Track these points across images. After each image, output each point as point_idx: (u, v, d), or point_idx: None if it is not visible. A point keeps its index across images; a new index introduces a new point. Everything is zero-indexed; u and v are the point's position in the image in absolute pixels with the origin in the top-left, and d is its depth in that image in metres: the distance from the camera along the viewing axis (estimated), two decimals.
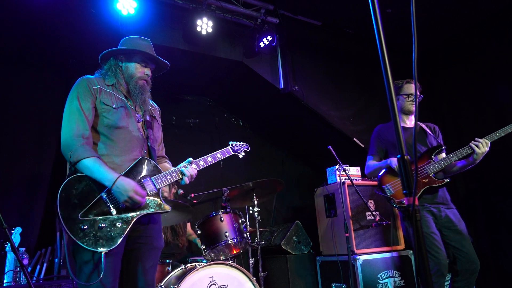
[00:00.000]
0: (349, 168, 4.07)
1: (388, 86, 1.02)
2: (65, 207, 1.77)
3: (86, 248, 1.73)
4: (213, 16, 3.90)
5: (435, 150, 2.87)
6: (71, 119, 1.91)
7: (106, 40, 3.66)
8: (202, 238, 3.25)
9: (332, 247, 3.95)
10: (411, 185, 0.92)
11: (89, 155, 1.86)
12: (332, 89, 4.66)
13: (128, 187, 1.84)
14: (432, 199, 2.82)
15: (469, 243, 2.73)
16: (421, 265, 0.81)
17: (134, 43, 2.18)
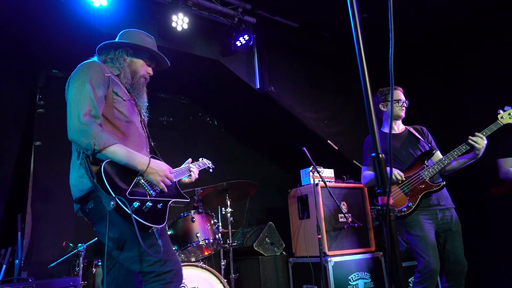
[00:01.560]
0: (322, 170, 4.09)
1: (365, 92, 1.00)
2: (112, 185, 1.65)
3: (143, 223, 1.65)
4: (189, 13, 3.82)
5: (427, 155, 2.90)
6: (82, 104, 1.76)
7: (75, 31, 3.54)
8: (172, 239, 3.17)
9: (305, 248, 3.95)
10: (385, 184, 0.90)
11: (115, 141, 1.76)
12: (308, 91, 4.68)
13: (163, 167, 1.86)
14: (427, 202, 2.83)
15: (459, 244, 2.76)
16: (394, 267, 0.79)
17: (142, 39, 2.12)
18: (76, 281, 2.59)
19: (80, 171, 1.79)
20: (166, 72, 4.43)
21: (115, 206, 1.60)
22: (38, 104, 4.03)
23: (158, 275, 1.73)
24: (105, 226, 1.70)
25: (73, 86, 1.82)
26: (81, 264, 2.77)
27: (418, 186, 2.82)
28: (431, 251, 2.69)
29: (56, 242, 3.54)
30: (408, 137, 3.07)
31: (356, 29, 1.04)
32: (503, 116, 2.75)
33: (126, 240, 1.73)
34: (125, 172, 1.76)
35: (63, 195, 4.01)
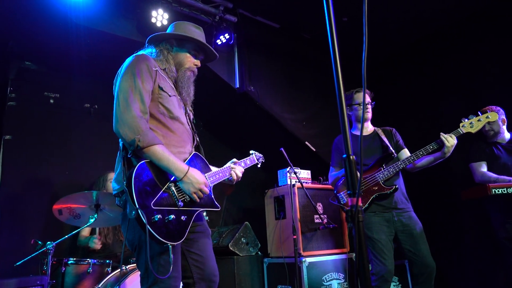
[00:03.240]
0: (300, 171, 4.12)
1: (339, 94, 1.01)
2: (139, 194, 1.61)
3: (159, 239, 1.60)
4: (169, 9, 3.77)
5: (386, 158, 2.96)
6: (133, 98, 1.73)
7: (51, 23, 3.44)
8: None
9: (280, 249, 3.96)
10: (355, 186, 0.91)
11: (159, 141, 1.73)
12: (287, 92, 4.70)
13: (200, 179, 1.79)
14: (384, 205, 2.89)
15: (424, 246, 2.80)
16: (361, 267, 0.80)
17: (188, 30, 2.05)
18: (44, 280, 2.51)
19: (119, 169, 1.82)
20: None
21: (136, 216, 1.58)
22: (9, 96, 3.89)
23: (150, 286, 1.71)
24: (125, 226, 1.76)
25: (122, 79, 1.79)
26: (49, 263, 2.68)
27: (371, 188, 2.89)
28: (386, 254, 2.76)
29: (24, 240, 3.42)
30: (373, 140, 3.14)
31: (331, 33, 1.05)
32: (465, 125, 2.83)
33: (141, 246, 1.73)
34: (158, 175, 1.72)
35: (32, 191, 3.89)
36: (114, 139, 4.88)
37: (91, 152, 4.29)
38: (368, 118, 3.13)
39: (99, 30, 3.55)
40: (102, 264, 3.07)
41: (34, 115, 4.02)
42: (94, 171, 4.13)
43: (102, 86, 4.57)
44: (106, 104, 4.49)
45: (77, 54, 3.83)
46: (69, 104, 4.24)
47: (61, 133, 4.15)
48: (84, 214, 3.00)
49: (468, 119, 2.85)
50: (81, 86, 4.37)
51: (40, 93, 4.08)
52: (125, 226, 1.75)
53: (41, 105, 4.08)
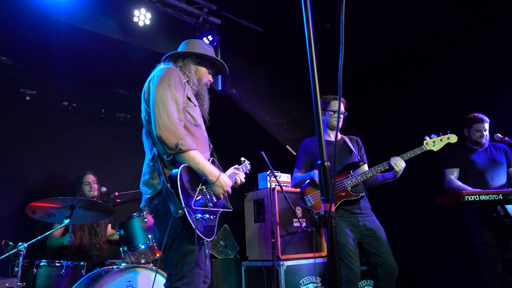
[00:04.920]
0: (280, 175, 4.13)
1: (315, 100, 1.03)
2: (184, 194, 1.77)
3: (200, 236, 1.77)
4: (152, 8, 3.74)
5: (354, 165, 3.06)
6: (171, 106, 1.88)
7: (30, 19, 3.35)
8: (122, 240, 3.08)
9: (259, 252, 3.96)
10: (329, 192, 0.93)
11: (196, 147, 1.89)
12: (270, 96, 4.72)
13: (228, 182, 1.99)
14: (350, 210, 2.99)
15: (387, 249, 2.91)
16: (333, 271, 0.82)
17: (205, 49, 2.29)
18: (13, 282, 2.42)
19: (152, 173, 1.94)
20: (125, 67, 4.34)
21: (182, 215, 1.71)
22: None
23: (170, 286, 1.84)
24: (158, 224, 1.93)
25: (158, 87, 1.92)
26: (20, 264, 2.60)
27: (339, 193, 2.99)
28: (353, 258, 2.84)
29: None
30: (342, 146, 3.24)
31: (309, 39, 1.06)
32: (428, 143, 3.01)
33: (175, 243, 1.85)
34: (193, 178, 1.89)
35: (5, 190, 3.76)
36: (92, 138, 4.78)
37: (68, 151, 4.19)
38: (339, 127, 3.22)
39: (80, 27, 3.48)
40: (76, 266, 3.01)
41: (9, 112, 3.90)
42: (70, 171, 4.04)
43: (81, 84, 4.49)
44: (84, 103, 4.41)
45: (57, 51, 3.74)
46: (46, 101, 4.13)
47: (36, 131, 4.04)
48: (59, 213, 2.93)
49: (430, 137, 3.02)
50: (59, 84, 4.27)
51: (16, 89, 3.96)
52: (157, 224, 1.92)
53: (16, 102, 3.97)
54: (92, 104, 4.49)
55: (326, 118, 3.24)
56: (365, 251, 2.95)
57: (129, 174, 4.52)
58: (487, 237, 3.32)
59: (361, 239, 2.96)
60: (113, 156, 4.52)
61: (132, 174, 4.56)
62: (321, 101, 3.24)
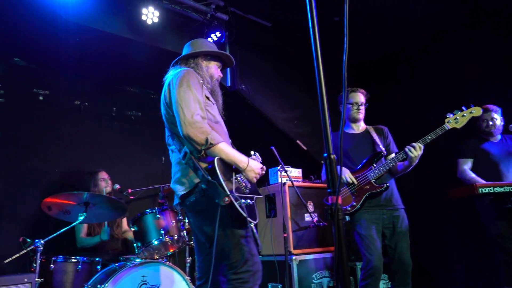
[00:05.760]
0: (291, 170, 4.13)
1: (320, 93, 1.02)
2: (225, 184, 1.84)
3: (248, 220, 1.87)
4: (160, 6, 3.76)
5: (376, 156, 3.00)
6: (194, 106, 1.94)
7: (40, 20, 3.40)
8: (136, 236, 3.12)
9: (271, 247, 3.98)
10: (335, 184, 0.93)
11: (222, 140, 1.96)
12: (279, 90, 4.71)
13: (258, 165, 2.08)
14: (376, 202, 2.94)
15: (405, 244, 2.86)
16: (340, 264, 0.82)
17: (211, 46, 2.36)
18: (32, 278, 2.49)
19: (185, 170, 2.00)
20: (135, 65, 4.38)
21: (228, 202, 1.79)
22: None
23: (236, 273, 1.91)
24: (202, 219, 2.00)
25: (179, 89, 1.98)
26: (38, 260, 2.67)
27: (364, 187, 2.95)
28: (373, 249, 2.81)
29: (13, 237, 3.39)
30: (364, 138, 3.17)
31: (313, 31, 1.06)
32: (450, 121, 2.87)
33: (226, 232, 1.92)
34: (227, 168, 1.96)
35: (22, 189, 3.86)
36: (104, 136, 4.85)
37: (81, 149, 4.27)
38: (359, 119, 3.18)
39: (89, 26, 3.53)
40: (91, 262, 3.07)
41: (23, 111, 3.99)
42: (84, 168, 4.11)
43: (92, 84, 4.55)
44: (96, 101, 4.48)
45: (67, 51, 3.80)
46: (59, 101, 4.21)
47: (50, 130, 4.12)
48: (74, 210, 2.99)
49: (453, 114, 2.89)
50: (71, 83, 4.34)
51: (30, 89, 4.05)
52: (200, 218, 2.00)
53: (30, 102, 4.05)
54: (104, 102, 4.55)
55: (346, 111, 3.20)
56: (384, 244, 2.93)
57: (141, 171, 4.58)
58: (503, 229, 3.24)
59: (383, 231, 2.92)
60: (125, 153, 4.58)
61: (143, 171, 4.62)
62: (341, 94, 3.25)
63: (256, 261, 1.98)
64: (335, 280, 0.77)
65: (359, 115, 3.14)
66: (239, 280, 1.91)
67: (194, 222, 2.10)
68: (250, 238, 1.97)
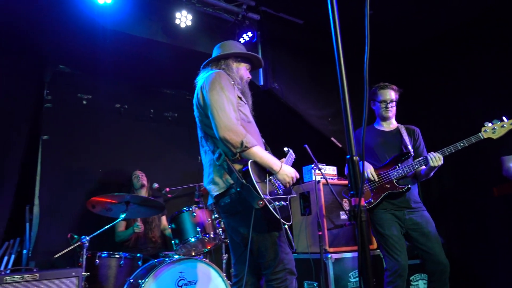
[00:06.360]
0: (325, 167, 4.09)
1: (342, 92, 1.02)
2: (259, 186, 1.88)
3: (282, 221, 1.91)
4: (193, 9, 3.86)
5: (402, 156, 2.92)
6: (228, 108, 1.98)
7: (80, 28, 3.60)
8: (174, 233, 3.23)
9: (306, 245, 3.97)
10: (358, 186, 0.93)
11: (256, 143, 2.00)
12: (312, 88, 4.67)
13: (291, 169, 2.10)
14: (397, 203, 2.87)
15: (436, 244, 2.76)
16: (364, 265, 0.82)
17: (240, 48, 2.39)
18: (79, 272, 2.65)
19: (219, 171, 2.03)
20: (170, 68, 4.52)
21: (263, 205, 1.81)
22: (45, 99, 4.13)
23: (274, 273, 1.97)
24: (237, 221, 2.03)
25: (212, 92, 2.02)
26: (84, 256, 2.84)
27: (384, 185, 2.88)
28: (399, 249, 2.73)
29: (61, 234, 3.62)
30: (393, 136, 3.07)
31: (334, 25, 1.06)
32: (487, 130, 2.72)
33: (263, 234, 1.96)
34: (260, 170, 1.99)
35: (69, 188, 4.11)
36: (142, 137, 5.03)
37: (121, 150, 4.48)
38: (389, 117, 3.08)
39: (125, 33, 3.68)
40: (133, 258, 3.23)
41: (68, 116, 4.25)
42: (125, 168, 4.32)
43: (131, 87, 4.76)
44: (134, 104, 4.68)
45: (105, 57, 3.99)
46: (101, 105, 4.44)
47: (93, 132, 4.36)
48: (115, 208, 3.17)
49: (492, 123, 2.72)
50: (111, 87, 4.57)
51: (74, 95, 4.30)
52: (236, 220, 2.03)
53: (75, 106, 4.30)
54: (142, 105, 4.75)
55: (376, 109, 3.13)
56: (413, 246, 2.85)
57: (178, 170, 4.73)
58: None
59: (408, 233, 2.84)
60: (163, 153, 4.76)
61: (180, 170, 4.76)
62: (370, 91, 3.17)
63: (291, 258, 2.03)
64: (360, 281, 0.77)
65: (388, 113, 3.04)
66: (277, 280, 1.97)
67: (228, 223, 2.14)
68: (284, 238, 2.01)
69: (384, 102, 3.03)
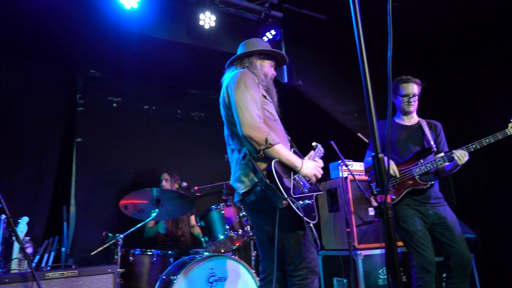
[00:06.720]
0: (352, 163, 4.05)
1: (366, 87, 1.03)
2: (283, 185, 1.91)
3: (306, 220, 1.92)
4: (216, 10, 3.91)
5: (424, 152, 2.85)
6: (251, 106, 2.00)
7: (109, 33, 3.73)
8: (203, 231, 3.30)
9: (334, 241, 3.96)
10: (383, 183, 0.93)
11: (279, 140, 2.01)
12: (337, 84, 4.62)
13: (314, 165, 2.12)
14: (419, 199, 2.82)
15: (460, 239, 2.71)
16: (391, 262, 0.82)
17: (264, 45, 2.38)
18: (114, 268, 2.77)
19: (245, 170, 2.05)
20: (195, 69, 4.60)
21: (286, 205, 1.84)
22: (78, 102, 4.30)
23: (295, 269, 1.99)
24: (262, 218, 2.06)
25: (237, 91, 2.05)
26: (119, 253, 2.95)
27: (406, 181, 2.81)
28: (424, 244, 2.68)
29: (97, 232, 3.76)
30: (415, 131, 3.00)
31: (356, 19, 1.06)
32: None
33: (287, 232, 1.99)
34: (284, 169, 2.00)
35: (103, 188, 4.27)
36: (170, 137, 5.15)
37: (150, 150, 4.61)
38: (411, 111, 3.00)
39: (150, 36, 3.78)
40: (165, 255, 3.32)
41: (100, 118, 4.41)
42: (154, 168, 4.44)
43: (158, 88, 4.88)
44: (162, 105, 4.79)
45: (132, 60, 4.12)
46: (130, 107, 4.59)
47: (124, 134, 4.51)
48: (147, 208, 3.27)
49: None
50: (139, 90, 4.71)
51: (105, 98, 4.46)
52: (261, 217, 2.06)
53: (106, 109, 4.46)
54: (169, 105, 4.86)
55: (397, 103, 3.06)
56: (437, 241, 2.77)
57: (205, 169, 4.81)
58: None
59: (432, 228, 2.78)
60: (190, 152, 4.85)
61: (208, 169, 4.84)
62: (393, 84, 3.11)
63: (314, 257, 2.03)
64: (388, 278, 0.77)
65: (410, 108, 2.96)
66: (298, 277, 1.98)
67: (254, 220, 2.16)
68: (308, 237, 2.02)
69: (407, 96, 2.95)
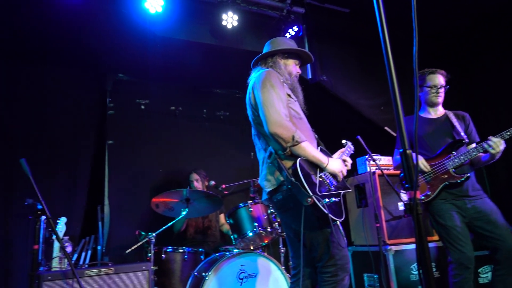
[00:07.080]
0: (380, 158, 4.00)
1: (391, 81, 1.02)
2: (308, 183, 1.92)
3: (332, 218, 1.92)
4: (238, 9, 3.94)
5: (456, 144, 2.77)
6: (277, 104, 2.02)
7: (135, 38, 3.83)
8: (232, 228, 3.35)
9: (363, 237, 3.92)
10: (412, 179, 0.92)
11: (305, 138, 2.03)
12: (362, 77, 4.56)
13: (340, 163, 2.15)
14: (456, 192, 2.74)
15: (505, 231, 2.61)
16: (422, 258, 0.82)
17: (289, 44, 2.40)
18: (148, 266, 2.88)
19: (271, 169, 2.07)
20: (219, 68, 4.65)
21: (312, 203, 1.85)
22: (108, 106, 4.45)
23: (325, 266, 2.01)
24: (289, 217, 2.07)
25: (262, 90, 2.08)
26: (152, 251, 3.05)
27: (440, 176, 2.73)
28: (463, 240, 2.60)
29: (130, 231, 3.90)
30: (443, 124, 2.92)
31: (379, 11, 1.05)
32: None
33: (314, 230, 2.00)
34: (310, 167, 2.01)
35: (135, 189, 4.40)
36: (197, 136, 5.24)
37: (179, 150, 4.71)
38: (438, 103, 2.94)
39: (175, 38, 3.85)
40: (196, 252, 3.41)
41: (129, 120, 4.55)
42: (183, 167, 4.54)
43: (184, 89, 4.98)
44: (188, 105, 4.89)
45: (157, 62, 4.21)
46: (157, 108, 4.70)
47: (153, 135, 4.63)
48: (177, 207, 3.36)
49: None
50: (165, 91, 4.82)
51: (133, 101, 4.59)
52: (288, 215, 2.07)
53: (134, 112, 4.59)
54: (195, 106, 4.95)
55: (423, 95, 2.99)
56: (480, 235, 2.68)
57: (233, 167, 4.87)
58: None
59: (471, 222, 2.69)
60: (217, 151, 4.93)
61: (235, 167, 4.90)
62: (418, 76, 3.04)
63: (344, 254, 2.04)
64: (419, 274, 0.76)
65: (438, 99, 2.90)
66: (328, 274, 1.99)
67: (282, 218, 2.20)
68: (336, 234, 2.02)
69: (435, 87, 2.90)
